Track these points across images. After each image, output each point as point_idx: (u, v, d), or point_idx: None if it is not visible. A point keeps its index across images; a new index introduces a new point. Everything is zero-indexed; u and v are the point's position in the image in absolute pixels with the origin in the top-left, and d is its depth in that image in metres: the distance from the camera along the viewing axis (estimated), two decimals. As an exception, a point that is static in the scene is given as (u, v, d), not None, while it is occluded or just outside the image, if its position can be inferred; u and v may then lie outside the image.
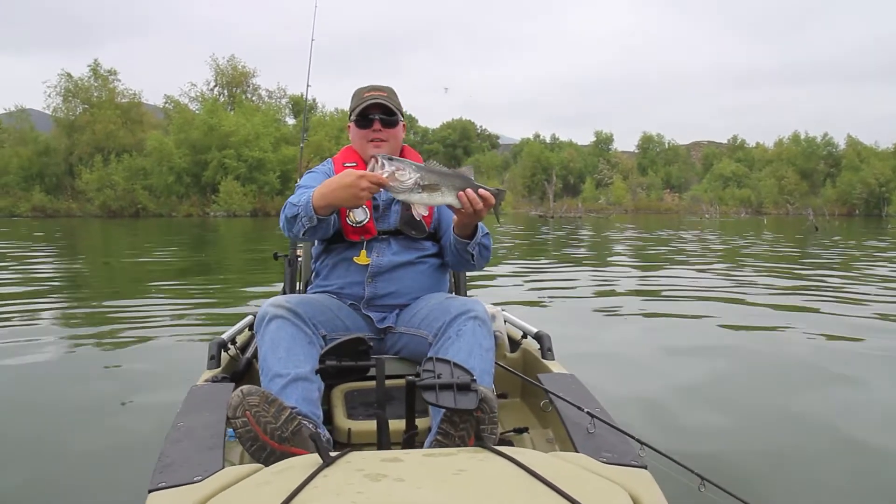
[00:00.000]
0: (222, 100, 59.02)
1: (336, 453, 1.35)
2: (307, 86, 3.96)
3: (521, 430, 2.22)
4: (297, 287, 3.19)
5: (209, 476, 1.38)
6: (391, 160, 1.92)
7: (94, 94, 54.29)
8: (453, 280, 2.98)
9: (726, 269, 11.32)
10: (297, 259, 3.19)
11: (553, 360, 2.45)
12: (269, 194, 48.20)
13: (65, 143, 53.04)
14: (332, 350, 1.67)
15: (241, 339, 2.75)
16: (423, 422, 1.91)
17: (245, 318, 2.93)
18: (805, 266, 11.89)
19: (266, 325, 1.99)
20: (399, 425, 1.79)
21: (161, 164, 48.72)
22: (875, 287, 8.73)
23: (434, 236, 2.41)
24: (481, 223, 2.19)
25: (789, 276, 10.03)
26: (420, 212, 2.01)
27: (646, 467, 1.51)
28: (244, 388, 1.60)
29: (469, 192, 1.95)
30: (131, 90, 56.92)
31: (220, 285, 9.44)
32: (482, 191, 1.97)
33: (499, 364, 2.20)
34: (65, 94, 54.01)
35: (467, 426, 1.59)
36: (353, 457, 1.35)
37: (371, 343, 2.23)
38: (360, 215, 2.30)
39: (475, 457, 1.37)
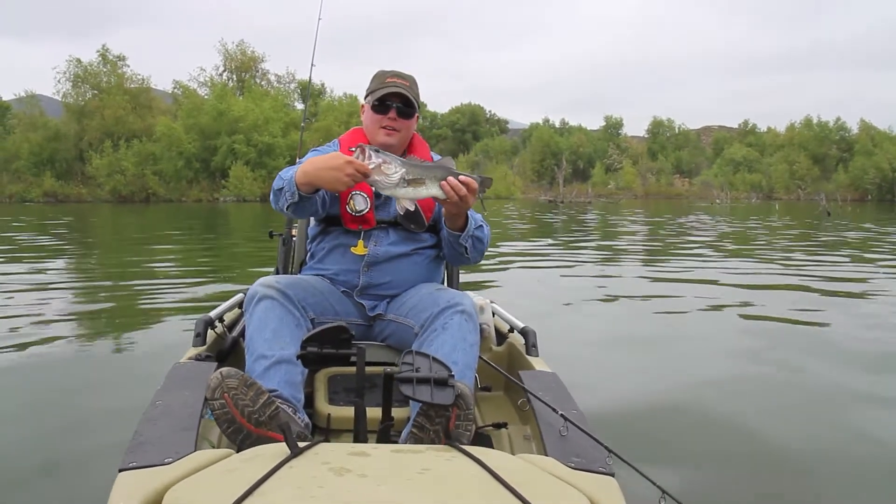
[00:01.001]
0: (231, 85, 58.97)
1: (304, 444, 1.35)
2: (311, 65, 3.95)
3: (500, 425, 2.20)
4: (290, 267, 3.15)
5: (179, 459, 1.39)
6: (378, 153, 1.90)
7: (104, 79, 54.34)
8: (448, 272, 2.98)
9: (750, 260, 11.25)
10: (292, 238, 3.14)
11: (537, 356, 2.44)
12: (278, 179, 48.13)
13: (75, 129, 53.19)
14: (314, 337, 1.67)
15: (230, 316, 2.73)
16: (404, 411, 1.91)
17: (235, 297, 2.89)
18: (827, 263, 11.80)
19: (255, 305, 1.98)
20: (378, 413, 1.78)
21: (171, 149, 48.84)
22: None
23: (433, 228, 2.39)
24: (477, 215, 2.17)
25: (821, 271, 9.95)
26: (406, 206, 1.99)
27: (613, 475, 1.50)
28: (223, 370, 1.60)
29: (451, 179, 1.95)
30: (140, 75, 57.09)
31: (225, 264, 9.48)
32: (463, 177, 1.96)
33: (483, 358, 2.22)
34: (74, 80, 54.10)
35: (443, 421, 1.59)
36: (321, 448, 1.36)
37: (353, 332, 2.24)
38: (361, 204, 2.27)
39: (442, 456, 1.38)
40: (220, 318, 2.64)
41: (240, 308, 2.77)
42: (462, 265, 2.41)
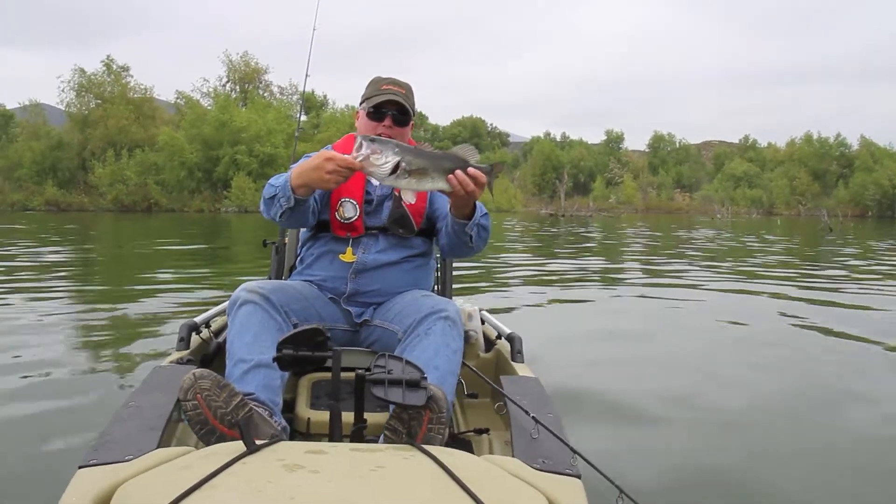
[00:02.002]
0: (234, 96, 59.15)
1: (262, 442, 1.35)
2: (306, 75, 3.96)
3: (481, 430, 2.21)
4: (282, 276, 3.14)
5: (139, 456, 1.39)
6: (373, 141, 1.82)
7: (107, 89, 54.50)
8: (440, 277, 3.00)
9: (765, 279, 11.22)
10: (285, 247, 3.13)
11: (522, 362, 2.43)
12: (280, 190, 48.15)
13: (77, 138, 53.25)
14: (289, 339, 1.65)
15: (218, 322, 2.72)
16: (382, 416, 1.90)
17: (224, 303, 2.90)
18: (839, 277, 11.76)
19: (237, 310, 1.99)
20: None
21: (173, 159, 48.87)
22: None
23: (424, 233, 2.38)
24: (479, 203, 2.14)
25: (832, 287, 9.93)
26: (407, 199, 1.95)
27: (579, 476, 1.50)
28: (196, 371, 1.60)
29: (459, 174, 1.86)
30: (143, 85, 57.20)
31: (223, 271, 9.48)
32: (473, 171, 1.88)
33: (467, 364, 2.21)
34: (78, 89, 54.22)
35: (415, 424, 1.58)
36: (280, 446, 1.36)
37: (340, 338, 2.24)
38: (350, 211, 2.27)
39: (400, 454, 1.37)
40: (207, 324, 2.63)
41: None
42: (464, 256, 2.34)
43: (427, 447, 1.39)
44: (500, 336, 2.75)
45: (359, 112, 2.40)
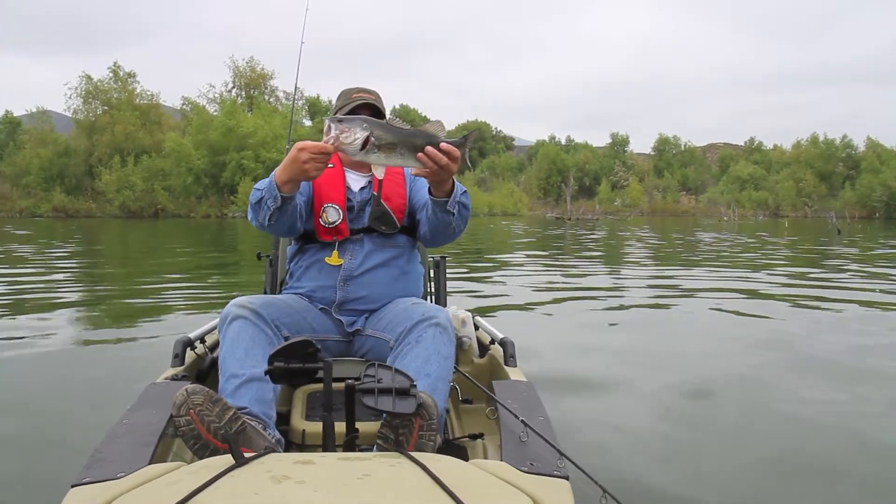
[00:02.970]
0: (241, 102, 59.41)
1: (251, 454, 1.37)
2: (295, 88, 4.02)
3: (475, 435, 2.21)
4: (277, 288, 3.13)
5: (131, 473, 1.39)
6: (340, 121, 1.81)
7: (114, 95, 54.86)
8: (433, 283, 3.02)
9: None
10: (278, 258, 3.13)
11: (515, 367, 2.44)
12: (286, 195, 48.34)
13: (85, 144, 53.65)
14: (279, 352, 1.66)
15: (212, 337, 2.71)
16: (374, 425, 1.89)
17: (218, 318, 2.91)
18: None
19: (228, 326, 2.00)
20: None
21: (180, 165, 49.17)
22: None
23: (407, 230, 2.40)
24: (459, 183, 2.13)
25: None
26: (376, 174, 1.93)
27: (567, 478, 1.50)
28: (189, 386, 1.61)
29: (429, 149, 1.82)
30: (150, 92, 57.62)
31: (231, 282, 9.48)
32: (444, 145, 1.84)
33: (460, 370, 2.20)
34: (85, 96, 54.67)
35: (406, 431, 1.59)
36: (268, 458, 1.37)
37: (332, 348, 2.25)
38: (333, 216, 2.30)
39: (387, 462, 1.38)
40: (202, 339, 2.62)
41: None
42: (447, 240, 2.32)
43: (414, 454, 1.40)
44: (493, 341, 2.75)
45: None
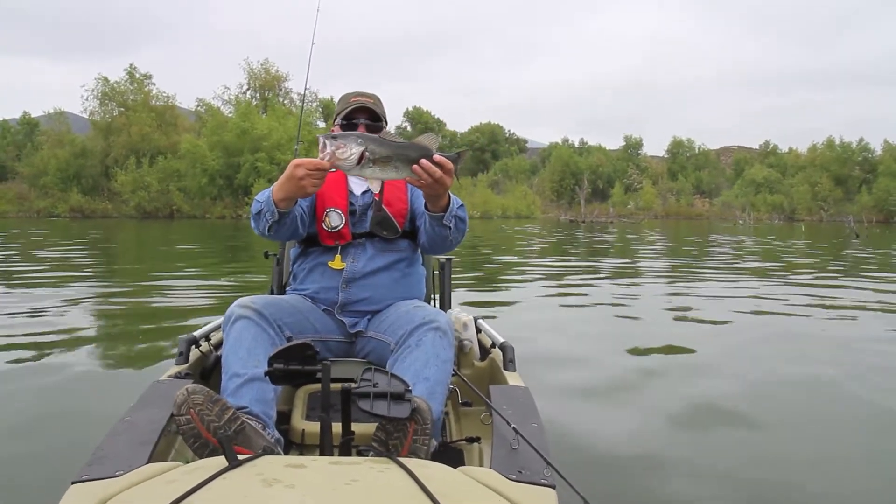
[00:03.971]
0: (255, 103, 59.68)
1: (245, 457, 1.38)
2: (305, 89, 4.01)
3: (472, 439, 2.21)
4: (283, 287, 3.15)
5: (129, 471, 1.41)
6: (335, 137, 1.83)
7: (130, 97, 55.32)
8: (439, 287, 3.02)
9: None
10: (285, 258, 3.15)
11: (514, 371, 2.43)
12: (300, 197, 48.51)
13: (101, 145, 54.14)
14: (279, 354, 1.68)
15: (217, 336, 2.72)
16: (371, 427, 1.89)
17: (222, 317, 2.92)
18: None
19: (231, 325, 2.03)
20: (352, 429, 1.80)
21: (195, 166, 49.45)
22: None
23: (409, 235, 2.40)
24: (455, 196, 2.15)
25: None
26: (372, 188, 1.97)
27: (554, 487, 1.50)
28: (189, 386, 1.63)
29: (424, 162, 1.86)
30: (165, 93, 58.01)
31: (242, 282, 9.52)
32: (439, 158, 1.88)
33: (458, 373, 2.22)
34: (101, 98, 55.16)
35: (400, 435, 1.60)
36: (261, 461, 1.38)
37: (334, 350, 2.28)
38: (336, 220, 2.32)
39: (376, 468, 1.39)
40: (207, 337, 2.64)
41: None
42: (444, 251, 2.35)
43: (404, 460, 1.41)
44: (493, 345, 2.75)
45: (334, 128, 2.46)
